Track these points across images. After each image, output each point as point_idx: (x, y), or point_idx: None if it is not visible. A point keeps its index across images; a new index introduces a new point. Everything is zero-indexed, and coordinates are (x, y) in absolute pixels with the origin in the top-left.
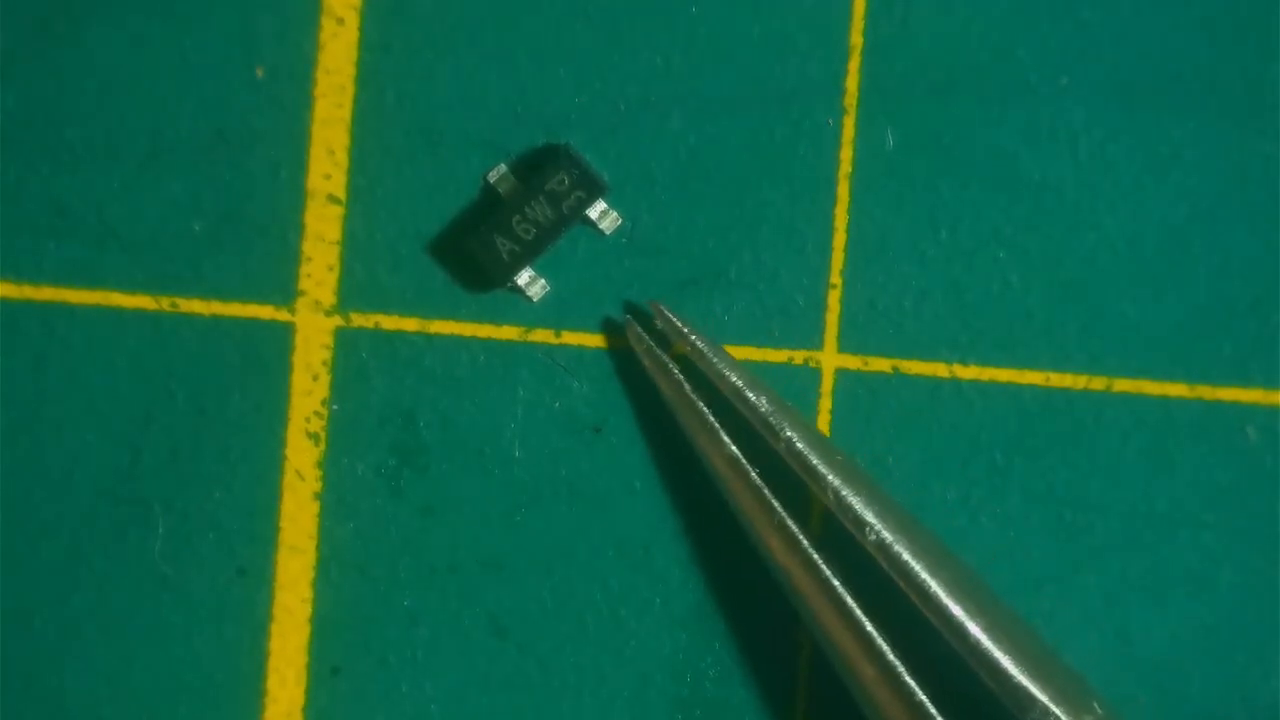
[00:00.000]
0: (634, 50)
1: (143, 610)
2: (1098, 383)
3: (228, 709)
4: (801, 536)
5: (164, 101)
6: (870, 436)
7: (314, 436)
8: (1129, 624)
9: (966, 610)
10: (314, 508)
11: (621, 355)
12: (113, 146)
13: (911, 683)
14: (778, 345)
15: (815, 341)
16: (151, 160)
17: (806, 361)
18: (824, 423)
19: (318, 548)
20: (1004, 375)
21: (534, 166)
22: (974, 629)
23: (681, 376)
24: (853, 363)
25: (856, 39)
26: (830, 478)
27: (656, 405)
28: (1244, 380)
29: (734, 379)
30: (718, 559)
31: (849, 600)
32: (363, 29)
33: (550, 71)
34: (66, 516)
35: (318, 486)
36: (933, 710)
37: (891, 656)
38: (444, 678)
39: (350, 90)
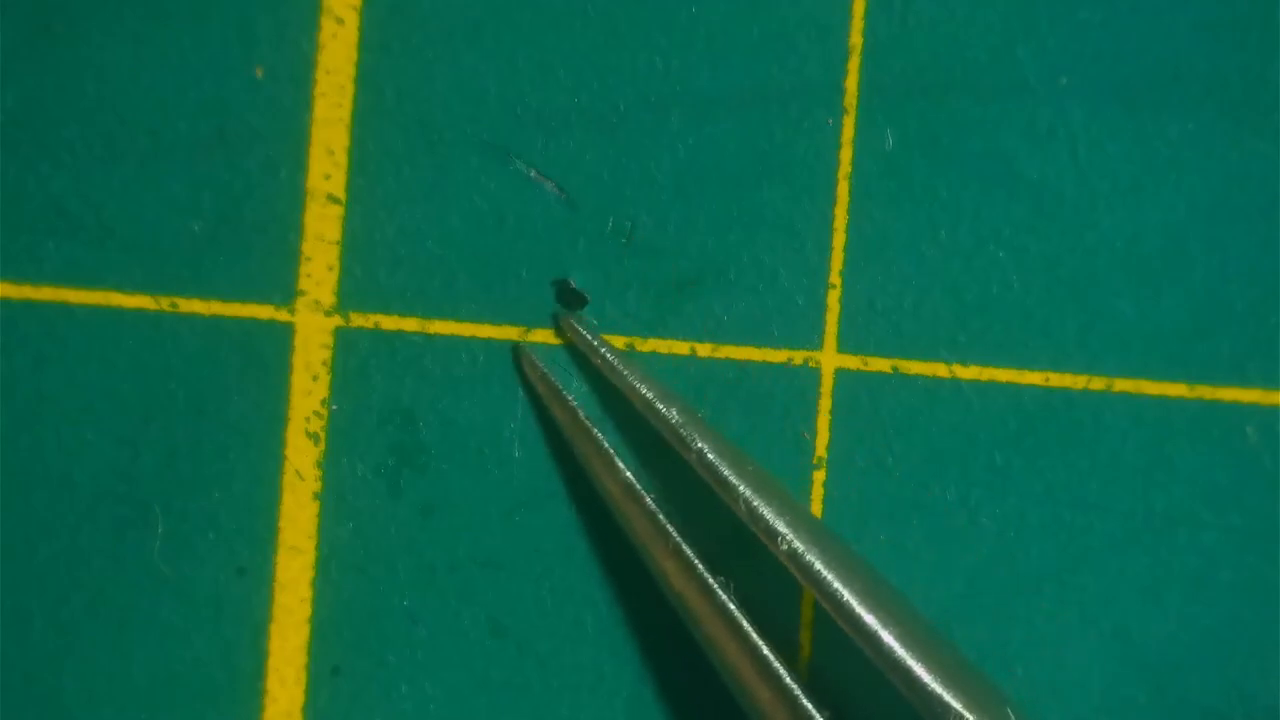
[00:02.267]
0: (634, 50)
1: (142, 610)
2: (1097, 383)
3: (228, 709)
4: (696, 561)
5: (164, 101)
6: (870, 436)
7: (314, 436)
8: (1129, 624)
9: (879, 619)
10: (313, 507)
11: (622, 355)
12: (113, 146)
13: (809, 705)
14: (778, 345)
15: (815, 341)
16: (151, 160)
17: (806, 361)
18: (824, 423)
19: (317, 547)
20: (1003, 375)
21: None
22: (887, 637)
23: (576, 405)
24: (852, 363)
25: (856, 39)
26: (742, 488)
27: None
28: (1243, 380)
29: (645, 391)
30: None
31: (745, 624)
32: (363, 29)
33: (550, 71)
34: (66, 516)
35: (317, 486)
36: None
37: (789, 679)
38: (443, 678)
39: (350, 90)
